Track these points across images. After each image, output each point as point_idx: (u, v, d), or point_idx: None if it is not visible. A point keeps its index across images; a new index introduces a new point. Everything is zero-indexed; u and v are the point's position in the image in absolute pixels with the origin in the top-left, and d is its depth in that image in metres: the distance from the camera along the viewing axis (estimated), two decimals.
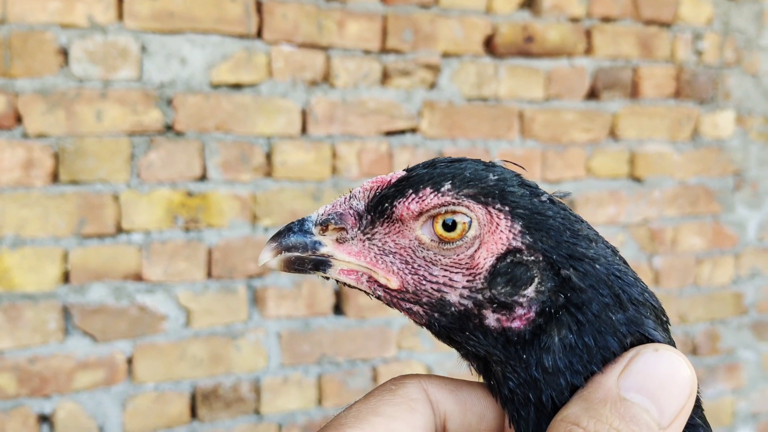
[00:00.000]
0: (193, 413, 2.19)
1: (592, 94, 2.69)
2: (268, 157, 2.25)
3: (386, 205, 0.64)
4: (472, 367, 0.66)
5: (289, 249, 0.65)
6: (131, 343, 2.12)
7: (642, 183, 2.77)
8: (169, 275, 2.14)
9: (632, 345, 0.60)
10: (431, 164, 0.65)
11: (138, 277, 2.12)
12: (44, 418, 2.05)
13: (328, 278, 0.67)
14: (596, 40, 2.68)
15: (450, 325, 0.62)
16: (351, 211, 0.66)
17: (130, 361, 2.12)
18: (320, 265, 0.65)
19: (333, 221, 0.65)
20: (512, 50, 2.55)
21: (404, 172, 0.65)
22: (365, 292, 0.66)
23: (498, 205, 0.62)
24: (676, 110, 2.83)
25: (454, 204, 0.62)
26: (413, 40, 2.41)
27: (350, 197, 0.66)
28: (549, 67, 2.61)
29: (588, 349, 0.59)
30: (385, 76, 2.39)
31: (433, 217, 0.62)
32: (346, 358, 2.35)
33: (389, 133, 2.39)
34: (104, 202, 2.09)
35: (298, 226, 0.66)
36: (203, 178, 2.18)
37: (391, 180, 0.65)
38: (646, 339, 0.60)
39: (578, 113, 2.66)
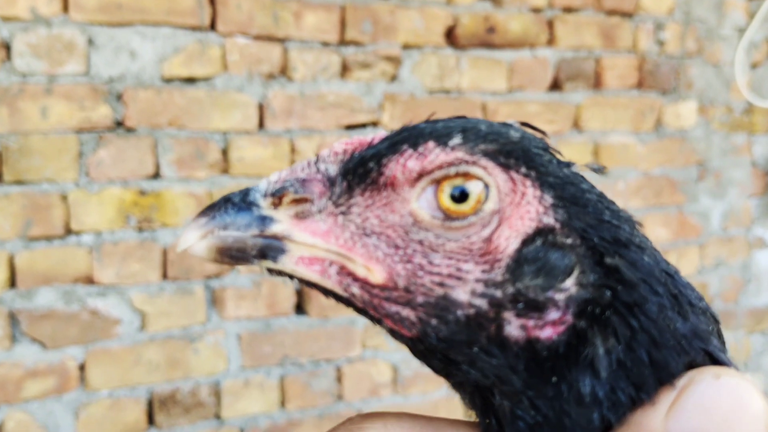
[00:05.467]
0: (151, 420, 2.11)
1: (555, 86, 2.66)
2: (224, 153, 2.18)
3: (371, 165, 0.47)
4: (464, 400, 0.50)
5: (225, 227, 0.47)
6: (83, 349, 2.03)
7: (606, 174, 2.75)
8: (122, 277, 2.06)
9: (690, 367, 0.44)
10: (431, 120, 0.50)
11: (89, 280, 2.03)
12: None
13: (279, 273, 0.48)
14: (558, 31, 2.65)
15: (453, 336, 0.45)
16: (318, 176, 0.48)
17: (82, 368, 2.04)
18: (269, 251, 0.47)
19: (291, 189, 0.48)
20: (474, 41, 2.51)
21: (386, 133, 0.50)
22: (332, 292, 0.49)
23: (523, 170, 0.46)
24: (638, 101, 2.81)
25: (467, 162, 0.46)
26: (373, 32, 2.35)
27: (316, 161, 0.49)
28: (511, 58, 2.58)
29: (639, 368, 0.43)
30: (345, 69, 2.33)
31: (438, 183, 0.46)
32: (310, 359, 2.29)
33: (349, 127, 2.33)
34: (52, 203, 1.99)
35: (240, 197, 0.48)
36: (156, 175, 2.10)
37: (372, 140, 0.49)
38: (710, 361, 0.45)
39: (541, 105, 2.63)
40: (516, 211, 0.46)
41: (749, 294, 3.09)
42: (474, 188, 0.46)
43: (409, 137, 0.47)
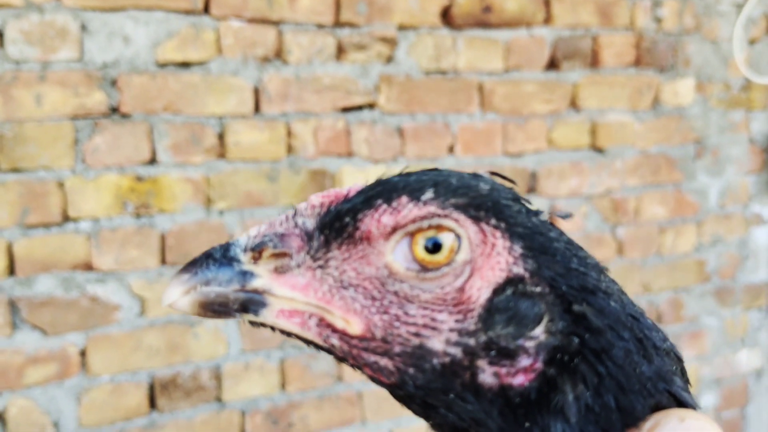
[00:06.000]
0: (152, 404, 2.13)
1: (552, 65, 2.64)
2: (221, 137, 2.17)
3: (347, 219, 0.48)
4: None
5: (207, 283, 0.49)
6: (84, 335, 2.04)
7: (604, 153, 2.75)
8: (121, 263, 2.07)
9: (656, 408, 0.46)
10: (403, 173, 0.52)
11: (88, 267, 2.03)
12: None
13: (261, 325, 0.50)
14: (555, 9, 2.63)
15: (429, 384, 0.47)
16: (296, 231, 0.50)
17: (83, 354, 2.05)
18: (251, 304, 0.49)
19: (270, 244, 0.49)
20: (470, 21, 2.49)
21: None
22: (313, 343, 0.51)
23: (493, 221, 0.48)
24: (636, 79, 2.80)
25: (439, 216, 0.47)
26: (368, 13, 2.33)
27: (294, 214, 0.51)
28: (508, 37, 2.56)
29: (606, 413, 0.45)
30: (340, 51, 2.31)
31: (411, 236, 0.48)
32: None
33: (346, 110, 2.32)
34: (48, 190, 1.99)
35: (221, 252, 0.50)
36: (153, 161, 2.10)
37: (348, 193, 0.51)
38: (674, 402, 0.47)
39: (538, 84, 2.62)
40: (487, 261, 0.47)
41: (746, 270, 3.10)
42: (446, 240, 0.47)
43: (383, 192, 0.48)
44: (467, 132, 2.50)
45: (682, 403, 0.47)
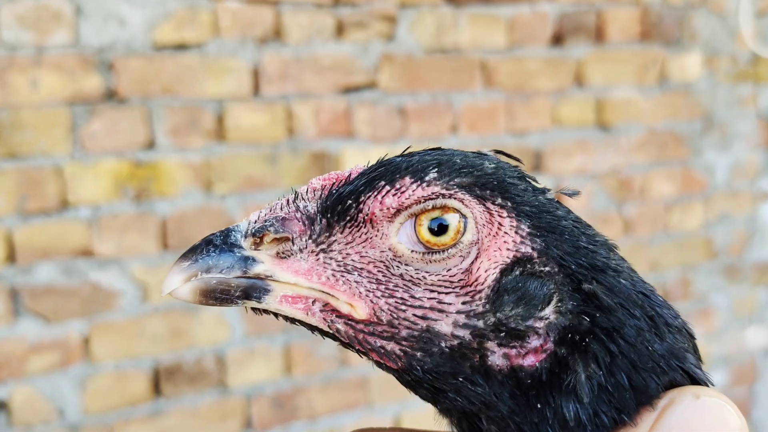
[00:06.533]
0: (157, 390, 2.12)
1: (556, 41, 2.60)
2: (220, 120, 2.14)
3: (349, 202, 0.47)
4: (453, 426, 0.51)
5: (208, 270, 0.48)
6: (86, 322, 2.03)
7: (609, 130, 2.71)
8: (122, 249, 2.05)
9: (670, 386, 0.45)
10: (406, 154, 0.51)
11: (88, 253, 2.01)
12: (0, 405, 1.96)
13: (265, 312, 0.49)
14: None
15: (438, 368, 0.45)
16: (297, 215, 0.49)
17: (86, 341, 2.03)
18: (253, 291, 0.48)
19: (272, 229, 0.48)
20: None
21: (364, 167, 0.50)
22: (318, 329, 0.49)
23: (499, 200, 0.47)
24: (642, 53, 2.75)
25: (443, 196, 0.46)
26: None
27: (295, 198, 0.50)
28: (510, 13, 2.51)
29: (620, 392, 0.44)
30: (340, 30, 2.27)
31: (416, 217, 0.47)
32: None
33: (346, 90, 2.29)
34: (46, 177, 1.97)
35: (221, 238, 0.49)
36: (151, 145, 2.07)
37: (349, 175, 0.49)
38: (688, 379, 0.46)
39: (542, 61, 2.57)
40: (494, 241, 0.46)
41: (755, 247, 3.06)
42: (452, 220, 0.46)
43: (386, 173, 0.47)
44: (470, 110, 2.46)
45: (695, 381, 0.47)
